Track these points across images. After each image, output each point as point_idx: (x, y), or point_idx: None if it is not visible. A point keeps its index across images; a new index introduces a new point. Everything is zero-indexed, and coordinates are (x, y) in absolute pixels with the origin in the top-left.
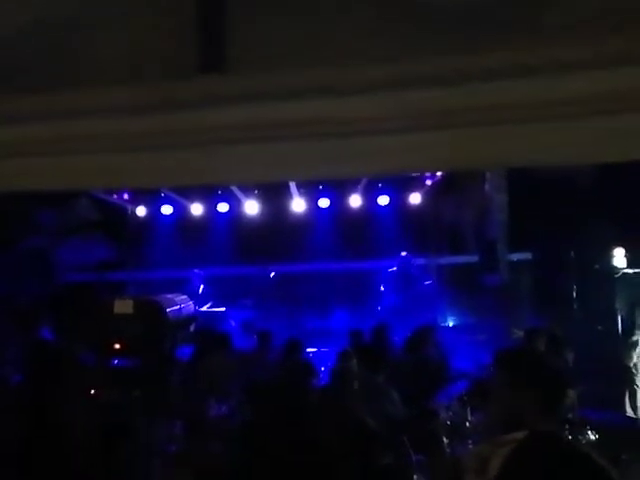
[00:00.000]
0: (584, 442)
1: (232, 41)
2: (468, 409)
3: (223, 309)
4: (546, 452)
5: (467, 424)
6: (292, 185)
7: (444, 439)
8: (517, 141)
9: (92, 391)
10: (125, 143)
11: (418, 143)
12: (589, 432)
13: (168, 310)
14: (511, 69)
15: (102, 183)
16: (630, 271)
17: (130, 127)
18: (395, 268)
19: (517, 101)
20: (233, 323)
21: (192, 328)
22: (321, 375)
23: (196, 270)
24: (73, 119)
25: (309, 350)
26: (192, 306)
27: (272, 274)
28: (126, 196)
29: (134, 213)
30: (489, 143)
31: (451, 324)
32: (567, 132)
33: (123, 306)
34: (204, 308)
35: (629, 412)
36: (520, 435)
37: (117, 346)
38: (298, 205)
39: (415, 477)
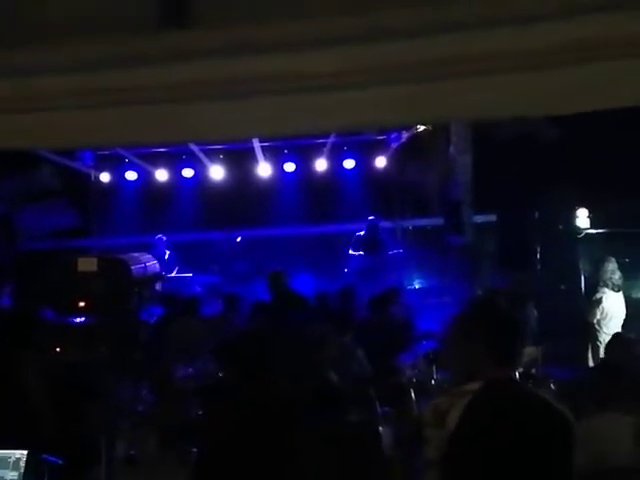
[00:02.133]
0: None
1: None
2: (434, 367)
3: (190, 274)
4: (503, 399)
5: (432, 382)
6: (258, 149)
7: (412, 393)
8: (482, 93)
9: (57, 349)
10: (88, 100)
11: (383, 97)
12: (551, 385)
13: (133, 268)
14: (474, 21)
15: (65, 142)
16: (593, 231)
17: (93, 83)
18: (363, 232)
19: (481, 53)
20: (199, 288)
21: (158, 287)
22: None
23: (160, 236)
24: (35, 76)
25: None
26: (157, 265)
27: (238, 239)
28: (90, 162)
29: (98, 179)
30: (454, 96)
31: (417, 286)
32: (532, 83)
33: (87, 264)
34: (171, 274)
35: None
36: (477, 385)
37: (82, 304)
38: (264, 169)
39: (380, 429)
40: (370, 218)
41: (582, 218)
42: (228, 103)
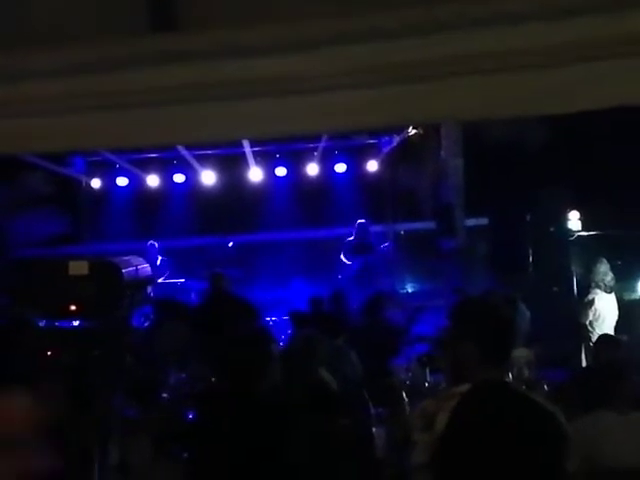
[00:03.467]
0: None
1: (181, 2)
2: (427, 370)
3: (182, 280)
4: (492, 400)
5: (426, 384)
6: (249, 154)
7: (404, 395)
8: (475, 93)
9: (48, 353)
10: (77, 103)
11: (373, 98)
12: (545, 387)
13: (124, 271)
14: (467, 21)
15: (55, 145)
16: (585, 233)
17: (81, 87)
18: (352, 236)
19: (473, 53)
20: (194, 296)
21: (150, 291)
22: (281, 342)
23: (152, 242)
24: (25, 80)
25: (268, 319)
26: (149, 269)
27: (230, 244)
28: (80, 168)
29: (89, 185)
30: (448, 96)
31: (410, 290)
32: (526, 83)
33: (78, 267)
34: (162, 279)
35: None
36: (465, 387)
37: (73, 307)
38: (255, 174)
39: (374, 429)
40: (359, 221)
41: (574, 220)
42: (217, 105)
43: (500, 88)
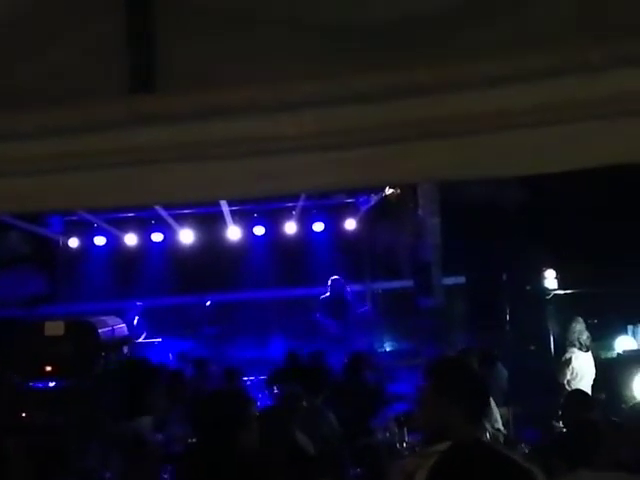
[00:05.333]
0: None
1: (161, 61)
2: (405, 429)
3: (159, 339)
4: (469, 460)
5: (404, 444)
6: (227, 213)
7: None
8: (450, 154)
9: (23, 414)
10: (56, 164)
11: (349, 159)
12: (522, 446)
13: (100, 331)
14: (436, 84)
15: (33, 206)
16: (561, 292)
17: (60, 148)
18: (328, 294)
19: (448, 115)
20: (171, 356)
21: (126, 351)
22: (259, 402)
23: (137, 302)
24: (5, 141)
25: (246, 378)
26: (125, 329)
27: (208, 303)
28: (58, 228)
29: (66, 245)
30: (422, 157)
31: (388, 349)
32: (501, 143)
33: (54, 328)
34: (140, 339)
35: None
36: (444, 446)
37: (48, 368)
38: (233, 233)
39: None
40: (333, 277)
41: (550, 279)
42: (195, 166)
43: (471, 149)
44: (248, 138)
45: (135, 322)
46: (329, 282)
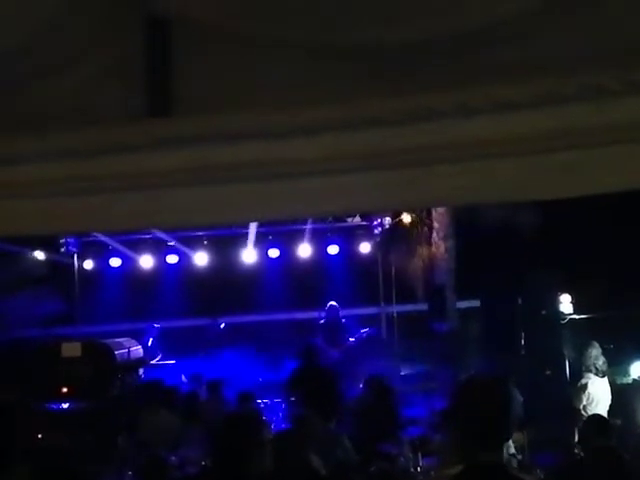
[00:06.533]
0: None
1: (177, 85)
2: (419, 454)
3: (173, 362)
4: None
5: (419, 469)
6: (252, 234)
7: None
8: (466, 179)
9: (39, 435)
10: (73, 187)
11: (366, 183)
12: (538, 471)
13: (116, 353)
14: (449, 109)
15: (51, 228)
16: (577, 317)
17: (76, 170)
18: (323, 319)
19: (459, 140)
20: (184, 378)
21: (141, 373)
22: (273, 424)
23: (154, 324)
24: (23, 164)
25: (260, 401)
26: (141, 351)
27: (222, 325)
28: (73, 249)
29: (82, 267)
30: (437, 181)
31: (403, 373)
32: (516, 169)
33: (71, 349)
34: (154, 361)
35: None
36: (456, 470)
37: (65, 390)
38: (249, 255)
39: None
40: (330, 303)
41: (565, 303)
42: (212, 189)
43: (487, 174)
44: (264, 162)
45: (150, 344)
46: (327, 308)
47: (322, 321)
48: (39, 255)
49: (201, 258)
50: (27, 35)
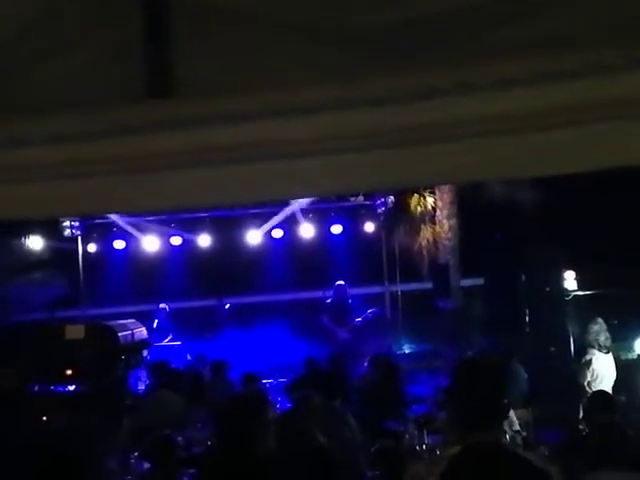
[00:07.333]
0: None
1: (177, 67)
2: (424, 432)
3: (178, 343)
4: (481, 462)
5: (424, 446)
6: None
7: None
8: (467, 156)
9: (44, 418)
10: (74, 169)
11: (367, 162)
12: (542, 448)
13: (120, 335)
14: (450, 87)
15: (52, 211)
16: (581, 293)
17: (77, 153)
18: (330, 299)
19: (460, 117)
20: (189, 357)
21: (146, 354)
22: (278, 404)
23: (163, 305)
24: (23, 147)
25: (265, 381)
26: (145, 332)
27: (227, 306)
28: (77, 231)
29: (86, 249)
30: (437, 160)
31: (407, 351)
32: (517, 146)
33: (74, 332)
34: (165, 342)
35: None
36: (454, 450)
37: (69, 372)
38: (253, 236)
39: None
40: (337, 283)
41: (570, 280)
42: (212, 170)
43: (488, 151)
44: (265, 142)
45: (155, 325)
46: (333, 287)
47: (329, 300)
48: (42, 239)
49: (204, 240)
50: (26, 19)
